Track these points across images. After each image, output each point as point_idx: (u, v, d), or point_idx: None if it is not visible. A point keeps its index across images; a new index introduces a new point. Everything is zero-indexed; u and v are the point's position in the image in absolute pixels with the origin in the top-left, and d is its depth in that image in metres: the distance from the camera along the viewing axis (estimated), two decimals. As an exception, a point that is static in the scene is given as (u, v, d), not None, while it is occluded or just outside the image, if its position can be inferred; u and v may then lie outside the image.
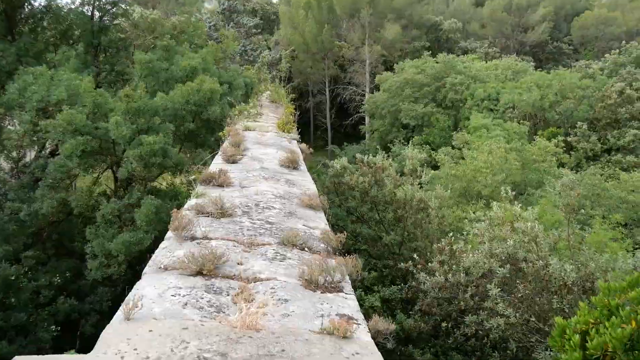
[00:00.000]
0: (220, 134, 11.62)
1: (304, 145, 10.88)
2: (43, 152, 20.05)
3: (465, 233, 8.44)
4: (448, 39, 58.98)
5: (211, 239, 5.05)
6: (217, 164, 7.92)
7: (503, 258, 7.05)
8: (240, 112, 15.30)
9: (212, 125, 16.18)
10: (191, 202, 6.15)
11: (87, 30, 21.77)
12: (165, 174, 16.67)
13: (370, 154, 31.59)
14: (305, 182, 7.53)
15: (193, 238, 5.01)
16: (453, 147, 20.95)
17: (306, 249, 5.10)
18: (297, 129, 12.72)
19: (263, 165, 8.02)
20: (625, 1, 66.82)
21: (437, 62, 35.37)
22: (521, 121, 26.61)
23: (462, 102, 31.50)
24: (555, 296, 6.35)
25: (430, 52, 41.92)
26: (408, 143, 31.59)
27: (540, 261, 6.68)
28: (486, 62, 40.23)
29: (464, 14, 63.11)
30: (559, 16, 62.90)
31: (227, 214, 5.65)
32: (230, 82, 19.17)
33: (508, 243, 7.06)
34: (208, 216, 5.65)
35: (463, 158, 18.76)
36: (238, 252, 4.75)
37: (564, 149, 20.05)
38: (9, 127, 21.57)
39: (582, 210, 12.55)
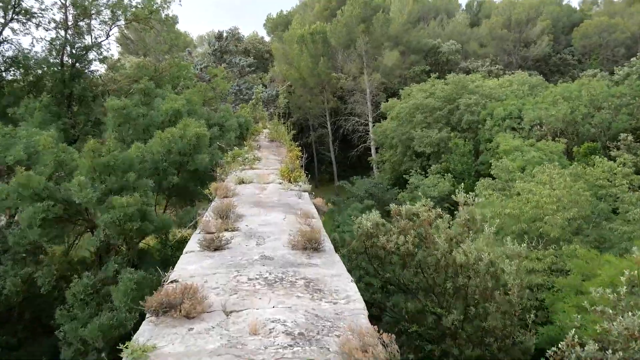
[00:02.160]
0: (207, 191, 8.81)
1: (318, 200, 8.05)
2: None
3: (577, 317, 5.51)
4: (448, 60, 56.96)
5: None
6: (188, 257, 4.89)
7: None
8: (235, 158, 12.55)
9: (202, 177, 13.43)
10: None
11: (58, 79, 19.28)
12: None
13: (383, 183, 28.58)
14: (339, 284, 4.39)
15: None
16: (493, 178, 18.02)
17: None
18: (306, 173, 9.90)
19: (264, 248, 5.10)
20: (623, 7, 65.09)
21: (446, 84, 32.80)
22: (557, 138, 23.76)
23: (480, 123, 28.79)
24: None
25: (438, 74, 39.52)
26: (425, 173, 28.79)
27: None
28: (498, 78, 37.68)
29: (461, 35, 61.18)
30: (556, 29, 61.08)
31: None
32: (222, 123, 16.51)
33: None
34: None
35: (504, 189, 15.85)
36: None
37: (634, 168, 16.97)
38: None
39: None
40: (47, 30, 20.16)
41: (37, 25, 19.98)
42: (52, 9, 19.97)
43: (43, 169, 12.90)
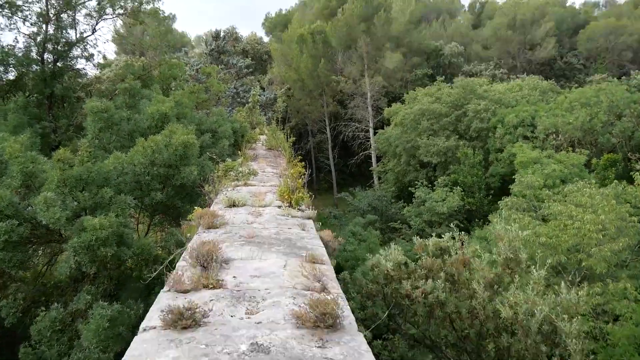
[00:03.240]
0: (190, 216, 7.25)
1: (327, 233, 6.49)
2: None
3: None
4: (450, 63, 55.65)
5: None
6: (143, 342, 3.19)
7: None
8: (227, 171, 11.00)
9: (190, 192, 11.87)
10: None
11: (38, 78, 17.71)
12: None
13: (387, 195, 26.90)
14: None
15: None
16: (508, 194, 16.20)
17: None
18: (309, 194, 8.34)
19: (258, 325, 3.49)
20: (629, 9, 63.70)
21: (452, 88, 31.18)
22: (576, 149, 22.18)
23: (490, 131, 27.24)
24: None
25: (443, 78, 37.98)
26: (431, 185, 27.21)
27: None
28: (502, 82, 36.13)
29: (463, 37, 59.77)
30: (560, 31, 59.55)
31: None
32: (215, 129, 14.98)
33: None
34: None
35: (529, 210, 14.23)
36: None
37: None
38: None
39: None
40: (33, 25, 18.60)
41: (24, 20, 18.40)
42: (35, 1, 18.41)
43: (9, 181, 11.36)
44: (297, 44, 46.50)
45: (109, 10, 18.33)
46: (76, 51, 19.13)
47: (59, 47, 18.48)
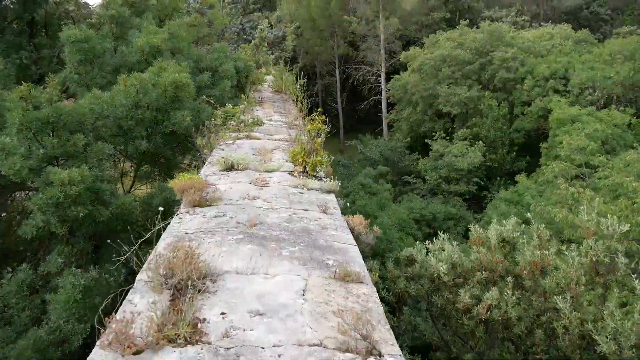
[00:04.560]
0: (172, 183, 5.44)
1: (357, 219, 4.73)
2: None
3: None
4: (470, 8, 52.40)
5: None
6: None
7: None
8: (227, 119, 9.16)
9: (182, 141, 10.09)
10: None
11: (16, 1, 15.56)
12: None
13: (400, 146, 24.98)
14: None
15: None
16: (571, 161, 14.07)
17: None
18: (328, 156, 6.53)
19: None
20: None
21: (477, 33, 28.59)
22: (622, 107, 20.06)
23: (517, 82, 24.98)
24: None
25: (467, 22, 35.19)
26: (449, 137, 25.21)
27: None
28: (535, 30, 33.45)
29: (484, -19, 56.07)
30: (585, -22, 55.68)
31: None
32: (215, 68, 13.00)
33: None
34: None
35: (577, 177, 12.26)
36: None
37: None
38: None
39: None
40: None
41: None
42: None
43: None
44: (308, -21, 43.50)
45: None
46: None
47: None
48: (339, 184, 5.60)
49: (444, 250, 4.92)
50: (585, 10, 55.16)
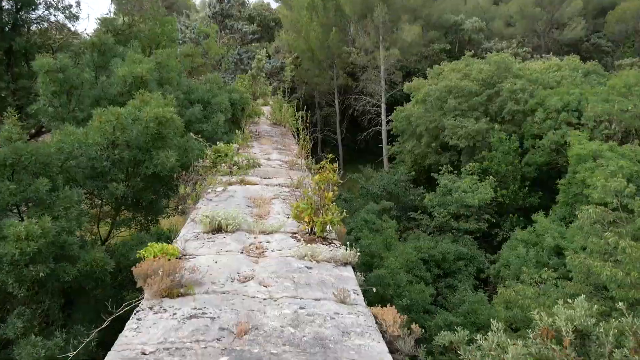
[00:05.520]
0: (137, 270, 4.10)
1: (388, 312, 3.41)
2: None
3: None
4: (470, 39, 52.06)
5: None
6: None
7: None
8: (218, 159, 7.88)
9: (167, 184, 8.78)
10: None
11: (-5, 29, 14.47)
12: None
13: (404, 179, 23.53)
14: None
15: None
16: (605, 204, 12.64)
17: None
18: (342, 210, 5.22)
19: None
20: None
21: (482, 64, 27.60)
22: (634, 140, 18.94)
23: (526, 114, 23.88)
24: None
25: (468, 54, 34.45)
26: (456, 171, 23.97)
27: None
28: (542, 62, 32.57)
29: (483, 13, 55.93)
30: (586, 11, 55.62)
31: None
32: (207, 100, 11.81)
33: None
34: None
35: (614, 222, 11.02)
36: None
37: None
38: None
39: None
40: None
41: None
42: None
43: None
44: (307, 10, 42.89)
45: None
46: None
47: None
48: (358, 253, 4.29)
49: (507, 353, 3.58)
50: (586, 42, 54.84)
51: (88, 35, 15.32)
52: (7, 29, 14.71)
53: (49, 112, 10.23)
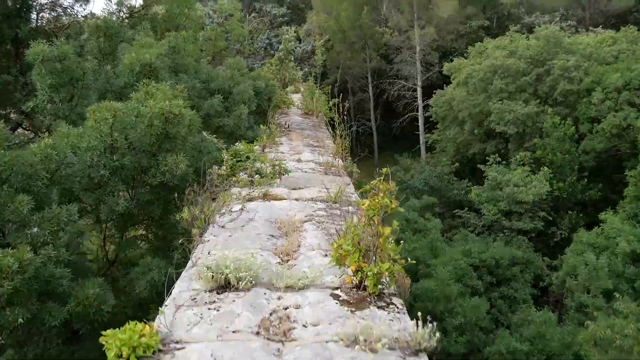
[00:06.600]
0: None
1: None
2: None
3: None
4: (509, 14, 49.42)
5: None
6: None
7: None
8: (236, 166, 6.42)
9: (181, 192, 7.37)
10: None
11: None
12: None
13: (447, 172, 21.66)
14: None
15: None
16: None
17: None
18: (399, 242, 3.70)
19: None
20: None
21: (529, 40, 25.25)
22: None
23: (581, 94, 21.63)
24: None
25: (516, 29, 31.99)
26: (504, 161, 21.95)
27: None
28: (595, 35, 29.99)
29: (523, -15, 52.86)
30: (631, -21, 51.91)
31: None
32: (228, 90, 10.34)
33: None
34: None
35: None
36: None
37: None
38: None
39: None
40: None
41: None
42: None
43: None
44: (338, -11, 41.20)
45: None
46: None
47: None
48: (435, 329, 2.76)
49: None
50: (634, 13, 51.37)
51: (95, 16, 13.89)
52: (12, 14, 13.50)
53: (48, 109, 8.92)
